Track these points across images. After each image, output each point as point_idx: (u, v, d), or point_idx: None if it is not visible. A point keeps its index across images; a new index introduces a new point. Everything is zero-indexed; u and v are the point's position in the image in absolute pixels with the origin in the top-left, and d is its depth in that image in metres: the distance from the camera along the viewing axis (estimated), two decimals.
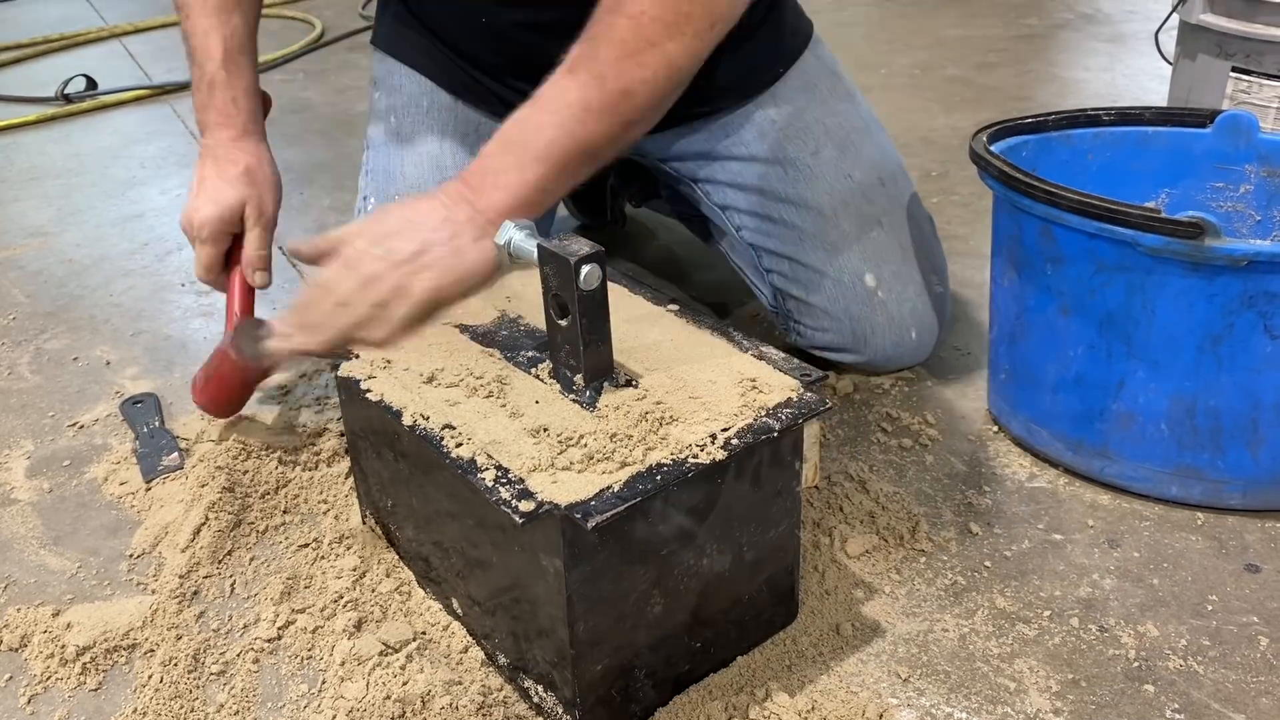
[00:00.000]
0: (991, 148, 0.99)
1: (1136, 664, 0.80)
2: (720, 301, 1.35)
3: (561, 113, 0.83)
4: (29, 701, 0.82)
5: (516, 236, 0.76)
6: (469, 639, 0.84)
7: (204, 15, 1.06)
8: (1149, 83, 2.00)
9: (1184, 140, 1.05)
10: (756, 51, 1.09)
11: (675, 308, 0.87)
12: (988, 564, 0.91)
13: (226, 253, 1.08)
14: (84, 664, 0.84)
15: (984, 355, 1.15)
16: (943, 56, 2.28)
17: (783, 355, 0.80)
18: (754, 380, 0.76)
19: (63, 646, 0.86)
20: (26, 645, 0.87)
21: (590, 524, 0.63)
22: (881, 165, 1.12)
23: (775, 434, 0.71)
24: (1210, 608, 0.85)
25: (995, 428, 1.08)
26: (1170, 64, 1.50)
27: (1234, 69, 1.34)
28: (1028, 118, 1.05)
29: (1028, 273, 0.96)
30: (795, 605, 0.85)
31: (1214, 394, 0.89)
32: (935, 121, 1.92)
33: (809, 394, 0.75)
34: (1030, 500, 0.98)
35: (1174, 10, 1.40)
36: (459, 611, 0.85)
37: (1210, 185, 1.05)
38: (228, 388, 1.07)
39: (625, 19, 0.83)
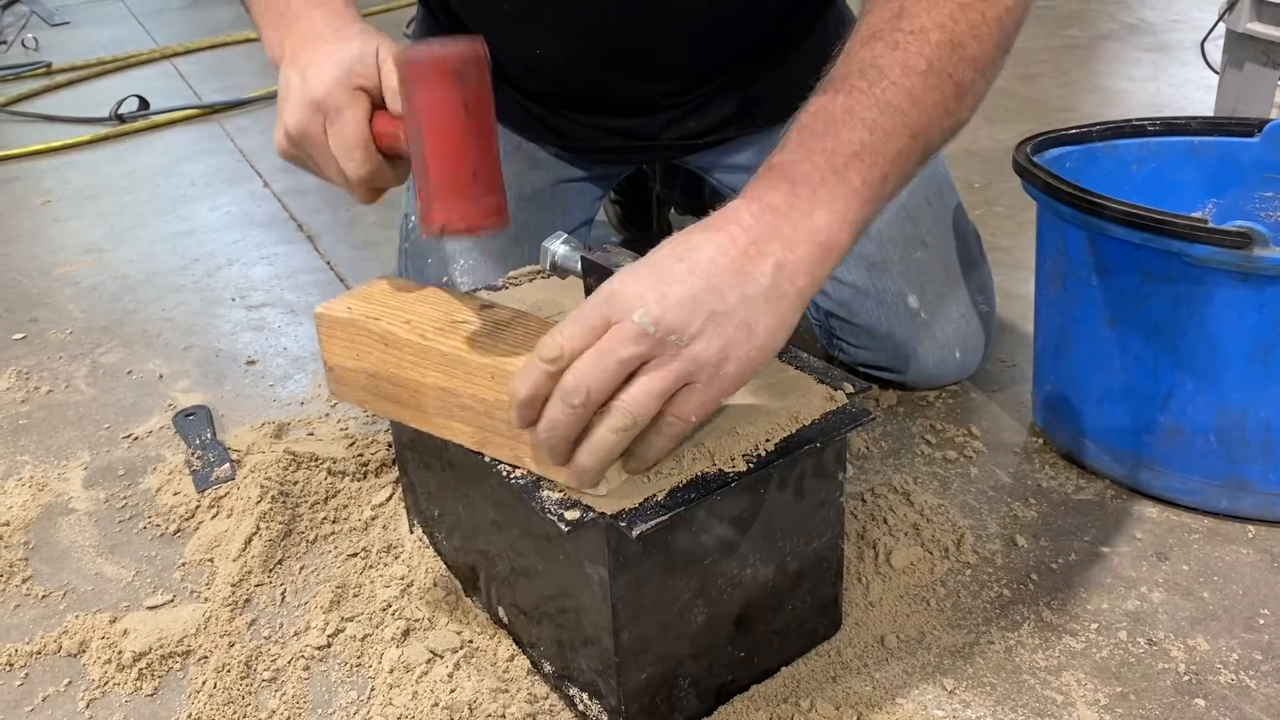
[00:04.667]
0: (1035, 159, 0.99)
1: (1186, 678, 0.79)
2: None
3: (880, 85, 0.65)
4: (87, 706, 0.84)
5: (561, 250, 0.77)
6: (515, 647, 0.84)
7: None
8: (1195, 92, 1.98)
9: (1231, 150, 1.04)
10: (801, 65, 1.09)
11: None
12: (1034, 576, 0.90)
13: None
14: (140, 670, 0.86)
15: (1029, 367, 1.14)
16: None
17: (825, 366, 0.80)
18: (797, 391, 0.77)
19: (119, 653, 0.88)
20: (85, 651, 0.89)
21: (635, 532, 0.64)
22: (929, 183, 1.12)
23: (817, 445, 0.72)
24: (1263, 621, 0.84)
25: (1041, 440, 1.08)
26: (1217, 73, 1.49)
27: None
28: (1072, 128, 1.05)
29: (1072, 284, 0.96)
30: (839, 616, 0.85)
31: (1264, 405, 0.88)
32: (978, 133, 1.91)
33: (851, 405, 0.75)
34: (1077, 513, 0.98)
35: (1220, 19, 1.39)
36: (505, 620, 0.86)
37: (1259, 195, 1.04)
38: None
39: None
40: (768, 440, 0.72)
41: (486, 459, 0.73)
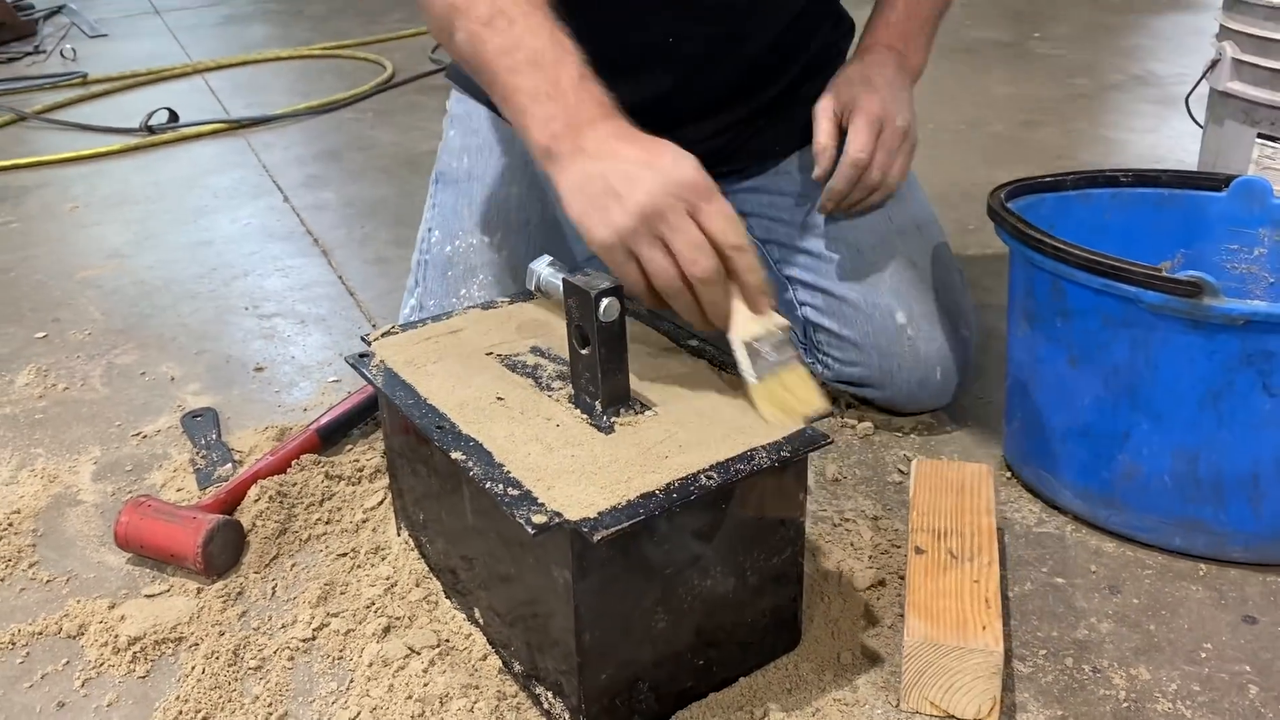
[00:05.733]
0: (1010, 204, 1.04)
1: (1126, 704, 0.83)
2: None
3: None
4: (83, 684, 0.89)
5: (545, 272, 0.82)
6: (488, 647, 0.89)
7: (535, 13, 0.88)
8: (1192, 145, 2.01)
9: (1199, 203, 1.09)
10: (805, 100, 1.16)
11: (694, 344, 0.92)
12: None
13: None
14: (134, 653, 0.91)
15: (1002, 403, 1.18)
16: (990, 113, 2.32)
17: None
18: (763, 413, 0.81)
19: (116, 636, 0.93)
20: (83, 634, 0.94)
21: (596, 537, 0.69)
22: (918, 215, 1.19)
23: (777, 464, 0.76)
24: (1204, 655, 0.88)
25: (1009, 474, 1.12)
26: (1201, 128, 1.53)
27: (1260, 135, 1.37)
28: (1046, 176, 1.10)
29: (1039, 325, 1.00)
30: (798, 632, 0.89)
31: (1215, 448, 0.92)
32: (977, 176, 1.96)
33: (811, 429, 0.80)
34: (1036, 545, 1.02)
35: (1203, 77, 1.43)
36: (480, 621, 0.90)
37: (1225, 247, 1.09)
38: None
39: None
40: (731, 457, 0.76)
41: (466, 464, 0.77)
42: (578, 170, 0.81)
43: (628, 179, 0.79)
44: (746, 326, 0.81)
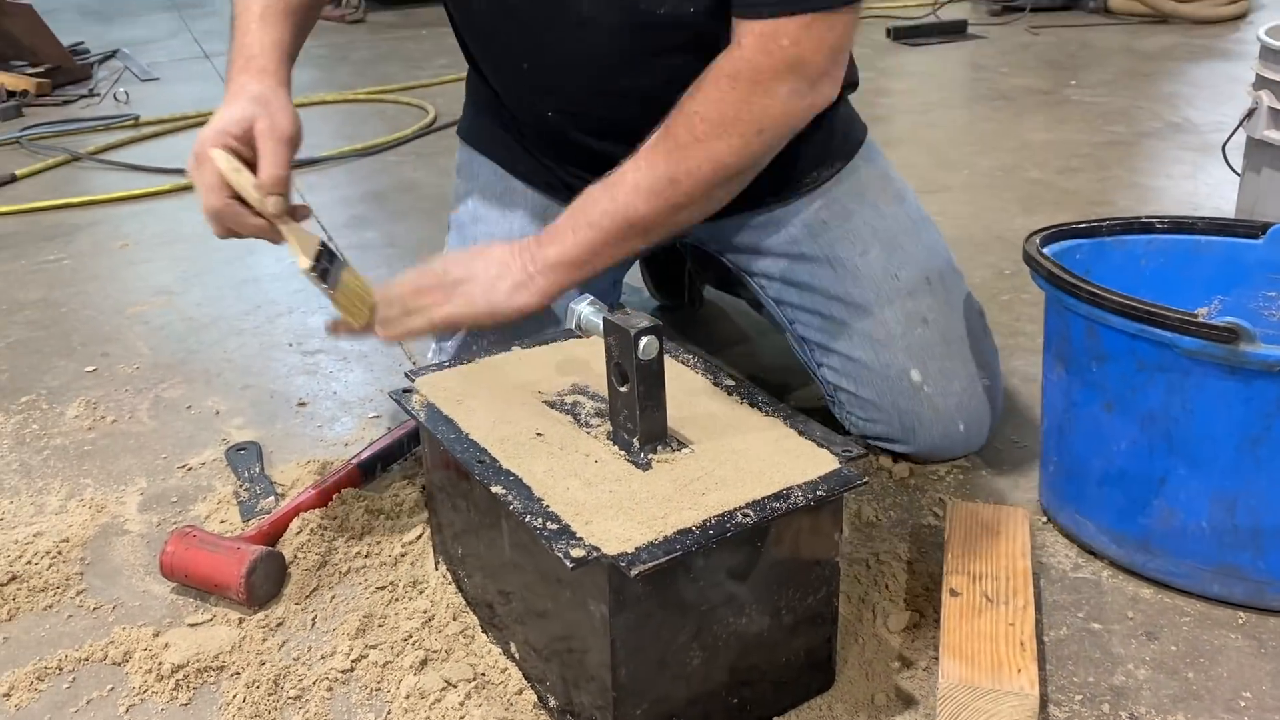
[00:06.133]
0: (1045, 250, 1.05)
1: None
2: (784, 383, 1.41)
3: (617, 189, 1.02)
4: (127, 711, 0.90)
5: (585, 311, 0.84)
6: (524, 682, 0.90)
7: (262, 28, 1.09)
8: (1229, 192, 2.01)
9: (1236, 250, 1.09)
10: (800, 154, 1.15)
11: (731, 383, 0.94)
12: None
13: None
14: (177, 681, 0.93)
15: (1038, 448, 1.18)
16: (1026, 160, 2.33)
17: (826, 432, 0.86)
18: (798, 454, 0.82)
19: (160, 664, 0.94)
20: (128, 660, 0.96)
21: (633, 572, 0.70)
22: (929, 264, 1.18)
23: (812, 504, 0.77)
24: (1243, 704, 0.87)
25: (1045, 518, 1.12)
26: (1238, 175, 1.53)
27: None
28: (1082, 223, 1.11)
29: (1074, 369, 1.01)
30: (832, 673, 0.89)
31: (1254, 494, 0.92)
32: (1013, 222, 1.97)
33: (847, 469, 0.81)
34: (1073, 590, 1.01)
35: (1240, 125, 1.44)
36: (516, 655, 0.91)
37: (1263, 294, 1.09)
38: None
39: (683, 116, 0.99)
40: (767, 495, 0.77)
41: (506, 499, 0.79)
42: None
43: (220, 113, 1.02)
44: (304, 254, 1.02)
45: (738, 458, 0.82)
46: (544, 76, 1.14)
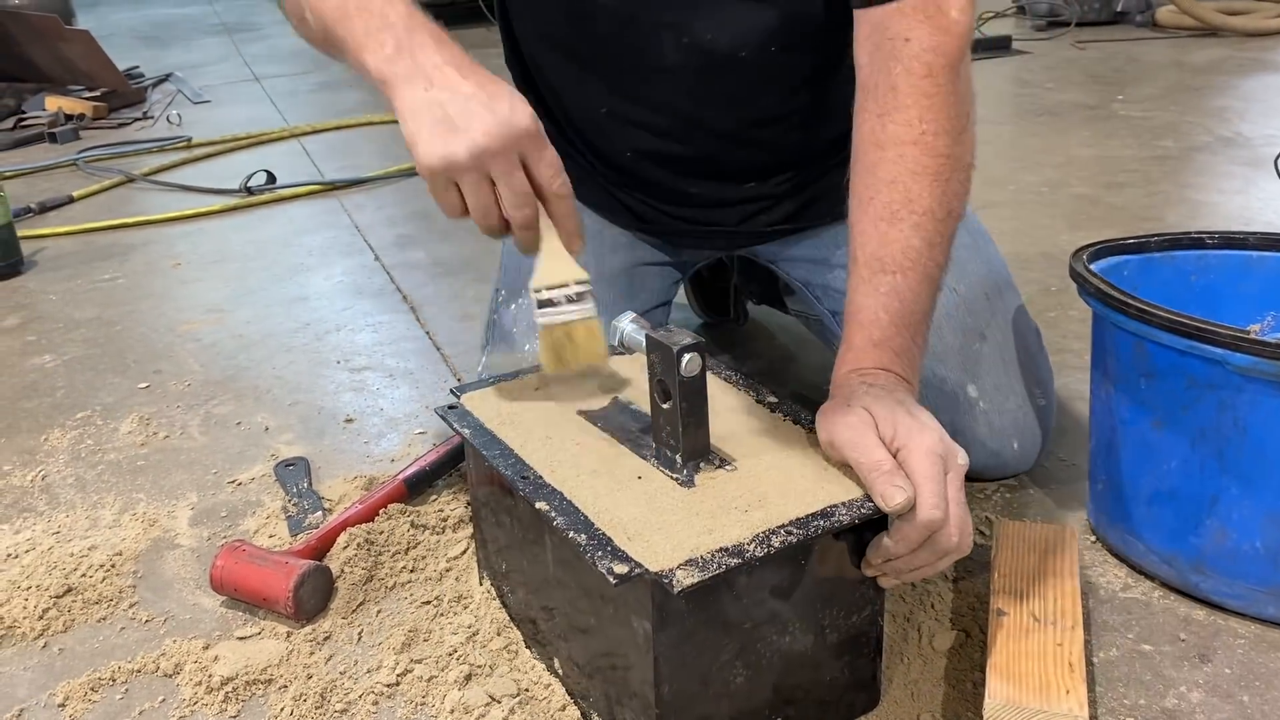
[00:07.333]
0: (1093, 266, 1.04)
1: None
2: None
3: (921, 267, 0.88)
4: None
5: (628, 328, 0.85)
6: (567, 698, 0.90)
7: None
8: None
9: None
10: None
11: (774, 401, 0.93)
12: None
13: None
14: (226, 693, 0.94)
15: (1086, 466, 1.17)
16: (1072, 175, 2.31)
17: None
18: (842, 471, 0.82)
19: (210, 676, 0.96)
20: (179, 672, 0.97)
21: (677, 589, 0.70)
22: (987, 280, 1.17)
23: (856, 522, 0.77)
24: None
25: (1093, 538, 1.10)
26: None
27: None
28: (1130, 238, 1.09)
29: (1123, 387, 0.99)
30: (878, 692, 0.89)
31: None
32: (1059, 238, 1.95)
33: None
34: (1122, 610, 1.00)
35: None
36: (560, 672, 0.91)
37: None
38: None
39: (913, 147, 0.88)
40: (812, 513, 0.77)
41: (549, 515, 0.79)
42: (417, 93, 0.84)
43: (467, 114, 0.81)
44: (544, 276, 0.88)
45: (781, 475, 0.82)
46: (623, 124, 1.14)
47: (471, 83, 0.83)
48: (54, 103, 3.51)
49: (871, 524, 0.80)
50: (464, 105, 0.82)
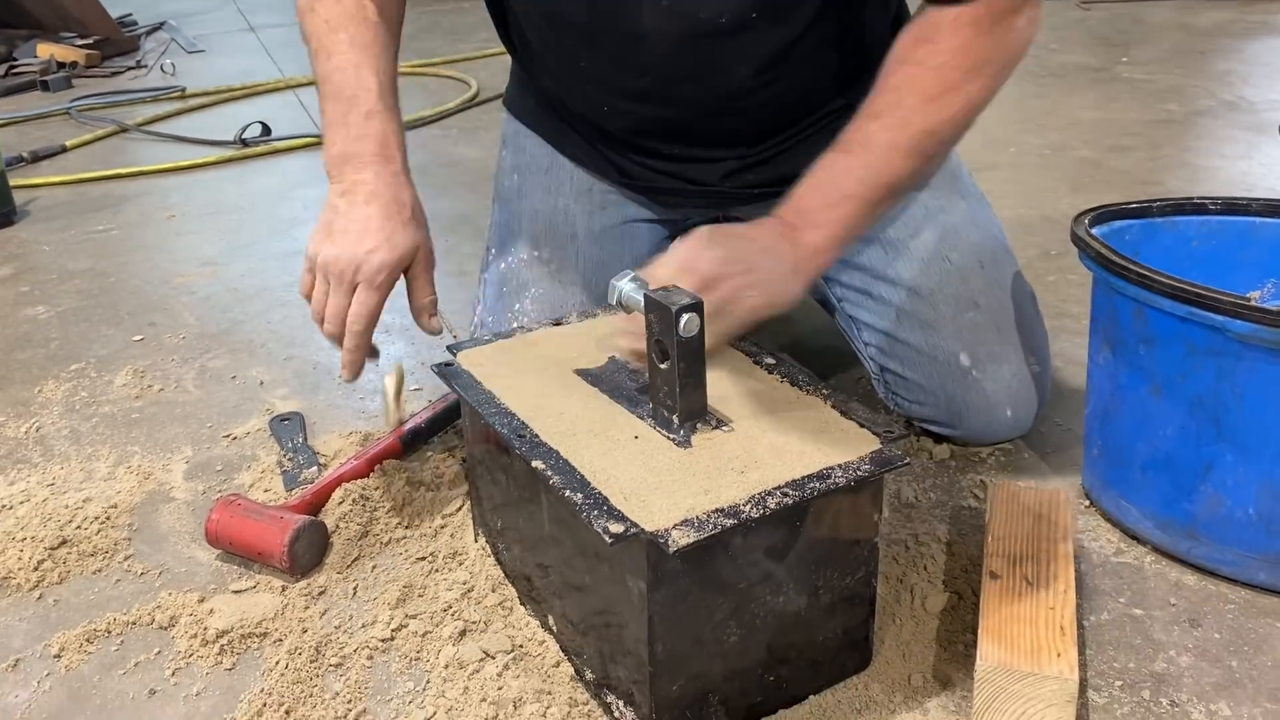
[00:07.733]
0: (1094, 230, 1.03)
1: None
2: (831, 363, 1.40)
3: (870, 154, 0.96)
4: (173, 674, 0.92)
5: (627, 288, 0.84)
6: (561, 654, 0.91)
7: (353, 51, 1.05)
8: None
9: None
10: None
11: (771, 362, 0.93)
12: None
13: None
14: (221, 646, 0.94)
15: (1082, 431, 1.17)
16: (1075, 138, 2.29)
17: (869, 413, 0.85)
18: (838, 433, 0.82)
19: (205, 629, 0.96)
20: (174, 625, 0.98)
21: (672, 549, 0.70)
22: (982, 248, 1.16)
23: (852, 484, 0.77)
24: None
25: (1087, 502, 1.10)
26: None
27: None
28: (1132, 203, 1.09)
29: (1122, 352, 0.99)
30: (870, 652, 0.89)
31: None
32: (1061, 202, 1.94)
33: (889, 450, 0.80)
34: (1114, 575, 1.00)
35: None
36: (554, 628, 0.92)
37: None
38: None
39: (926, 70, 0.95)
40: (807, 475, 0.77)
41: (545, 474, 0.79)
42: (333, 195, 1.05)
43: (342, 232, 1.02)
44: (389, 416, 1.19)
45: (778, 436, 0.82)
46: (602, 83, 1.13)
47: (366, 210, 1.02)
48: (46, 50, 3.46)
49: (868, 485, 0.80)
50: (344, 225, 1.02)
